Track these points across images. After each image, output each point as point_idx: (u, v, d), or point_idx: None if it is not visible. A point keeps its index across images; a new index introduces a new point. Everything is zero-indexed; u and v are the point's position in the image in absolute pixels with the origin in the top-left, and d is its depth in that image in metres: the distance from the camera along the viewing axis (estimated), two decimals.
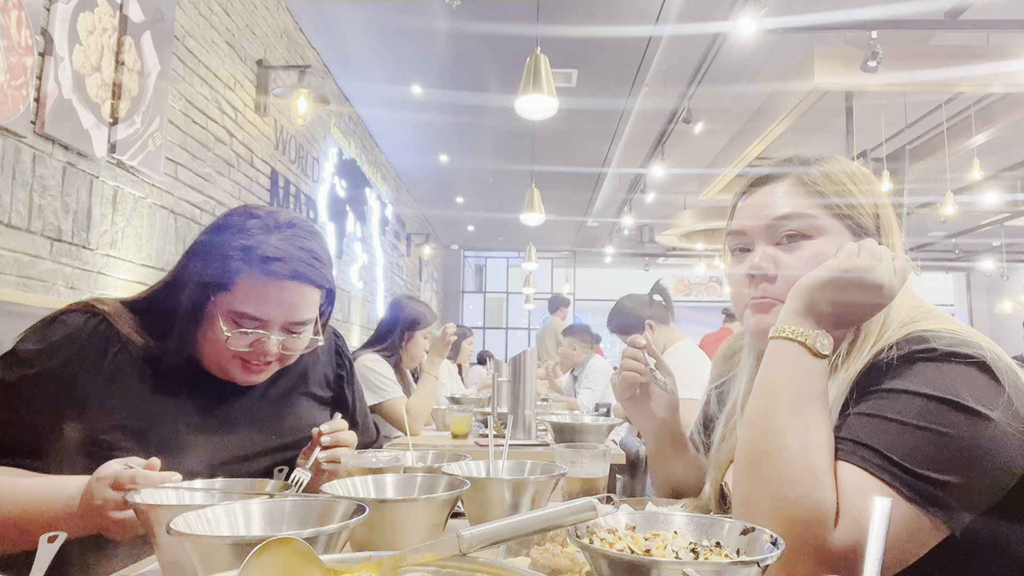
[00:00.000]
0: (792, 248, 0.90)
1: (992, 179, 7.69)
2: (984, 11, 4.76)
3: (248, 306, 1.07)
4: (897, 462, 0.71)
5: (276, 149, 4.67)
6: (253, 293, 1.07)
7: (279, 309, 1.09)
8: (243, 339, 1.08)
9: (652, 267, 14.05)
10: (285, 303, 1.09)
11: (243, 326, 1.07)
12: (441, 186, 9.69)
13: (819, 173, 0.92)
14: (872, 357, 0.79)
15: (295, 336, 1.12)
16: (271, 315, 1.08)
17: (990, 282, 14.06)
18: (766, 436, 0.76)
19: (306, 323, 1.13)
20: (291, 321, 1.11)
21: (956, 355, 0.74)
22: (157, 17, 3.07)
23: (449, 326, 2.82)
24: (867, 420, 0.75)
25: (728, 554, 0.68)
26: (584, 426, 2.17)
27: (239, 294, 1.07)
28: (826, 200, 0.90)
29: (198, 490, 0.85)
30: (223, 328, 1.07)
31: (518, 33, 4.64)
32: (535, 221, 6.04)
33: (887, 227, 0.93)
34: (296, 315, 1.11)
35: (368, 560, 0.55)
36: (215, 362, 1.12)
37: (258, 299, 1.07)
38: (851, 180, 0.92)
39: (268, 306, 1.08)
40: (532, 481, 0.92)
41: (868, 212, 0.91)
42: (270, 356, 1.11)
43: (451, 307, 14.35)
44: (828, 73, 5.14)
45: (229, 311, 1.07)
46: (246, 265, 1.07)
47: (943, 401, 0.72)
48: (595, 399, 4.63)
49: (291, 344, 1.12)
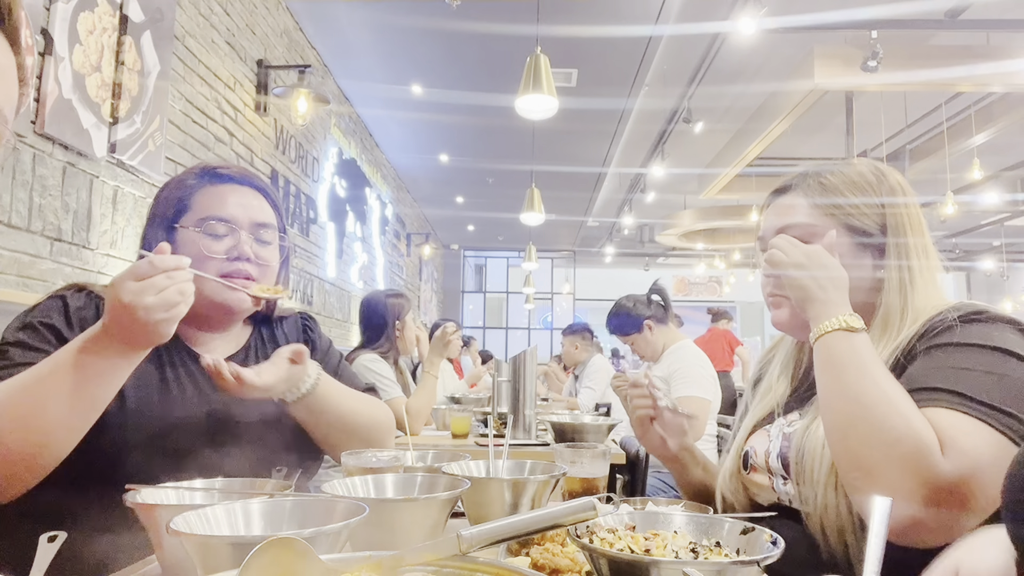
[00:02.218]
0: None
1: (992, 179, 7.69)
2: (984, 11, 4.75)
3: (211, 209, 1.14)
4: (980, 400, 0.81)
5: (276, 149, 4.67)
6: (212, 198, 1.15)
7: (240, 209, 1.16)
8: (216, 243, 1.13)
9: (652, 267, 14.05)
10: (244, 203, 1.16)
11: (212, 231, 1.13)
12: (441, 186, 9.68)
13: (819, 183, 1.04)
14: (921, 327, 0.93)
15: (262, 244, 1.18)
16: (234, 214, 1.15)
17: (990, 282, 14.06)
18: (848, 406, 0.85)
19: (268, 227, 1.19)
20: (254, 221, 1.17)
21: (1005, 319, 0.90)
22: (157, 17, 3.07)
23: (449, 325, 2.83)
24: (939, 371, 0.86)
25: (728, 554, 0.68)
26: (584, 426, 2.17)
27: (200, 207, 1.14)
28: (824, 210, 1.02)
29: (198, 490, 0.85)
30: (199, 241, 1.12)
31: (518, 33, 4.64)
32: (535, 221, 6.04)
33: (898, 227, 1.00)
34: (257, 214, 1.17)
35: (368, 560, 0.55)
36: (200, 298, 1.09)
37: (218, 201, 1.15)
38: (855, 187, 1.02)
39: (228, 205, 1.15)
40: (532, 481, 0.92)
41: (871, 216, 1.00)
42: (247, 263, 1.13)
43: (451, 307, 14.34)
44: (828, 73, 5.13)
45: (199, 222, 1.13)
46: (199, 182, 1.17)
47: (1001, 351, 0.85)
48: (595, 399, 4.63)
49: (261, 252, 1.17)
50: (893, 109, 6.37)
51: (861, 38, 4.81)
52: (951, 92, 5.96)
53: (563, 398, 5.08)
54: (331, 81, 6.08)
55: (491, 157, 8.12)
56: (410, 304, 3.06)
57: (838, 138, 6.62)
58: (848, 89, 5.61)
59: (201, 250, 1.12)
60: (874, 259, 1.00)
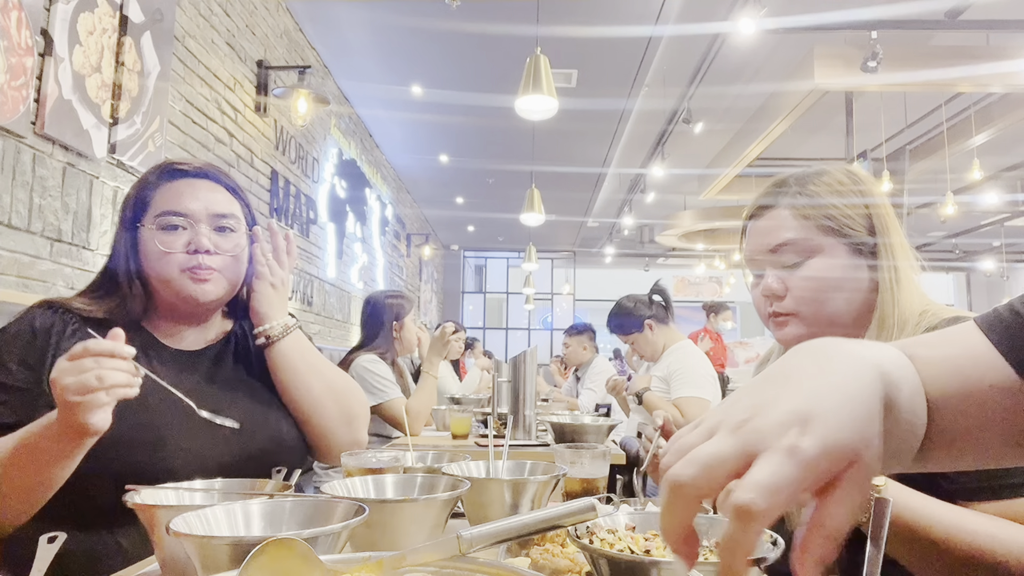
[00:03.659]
0: (795, 268, 1.02)
1: (992, 179, 7.68)
2: (984, 11, 4.75)
3: (167, 204, 1.15)
4: None
5: (276, 149, 4.67)
6: (168, 193, 1.17)
7: (196, 202, 1.16)
8: (174, 237, 1.14)
9: (652, 267, 14.05)
10: (200, 197, 1.17)
11: (170, 224, 1.14)
12: (441, 186, 9.68)
13: (808, 198, 1.03)
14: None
15: (223, 233, 1.18)
16: (190, 207, 1.15)
17: (990, 282, 14.06)
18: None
19: (228, 217, 1.19)
20: (212, 212, 1.17)
21: None
22: (157, 17, 3.07)
23: (448, 325, 2.82)
24: None
25: None
26: (584, 426, 2.17)
27: (157, 204, 1.16)
28: (816, 221, 1.01)
29: (198, 490, 0.85)
30: (155, 238, 1.13)
31: (518, 33, 4.64)
32: (535, 221, 6.04)
33: (882, 227, 1.00)
34: (215, 206, 1.18)
35: (368, 560, 0.55)
36: (168, 294, 1.15)
37: (174, 196, 1.16)
38: (838, 194, 1.02)
39: (184, 199, 1.16)
40: (532, 481, 0.92)
41: (858, 220, 1.01)
42: (207, 256, 1.14)
43: (451, 307, 14.34)
44: (828, 73, 5.13)
45: (155, 219, 1.15)
46: (159, 179, 1.18)
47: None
48: (596, 400, 4.64)
49: (223, 242, 1.17)
50: (893, 109, 6.37)
51: (861, 38, 4.81)
52: (951, 92, 5.96)
53: (564, 397, 5.08)
54: (331, 81, 6.08)
55: (491, 157, 8.12)
56: (411, 304, 3.06)
57: (838, 138, 6.62)
58: (848, 89, 5.61)
59: (159, 246, 1.13)
60: (867, 262, 1.01)
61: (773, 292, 1.03)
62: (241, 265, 1.22)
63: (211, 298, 1.16)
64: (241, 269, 1.22)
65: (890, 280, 0.98)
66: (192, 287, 1.14)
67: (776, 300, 1.03)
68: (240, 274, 1.22)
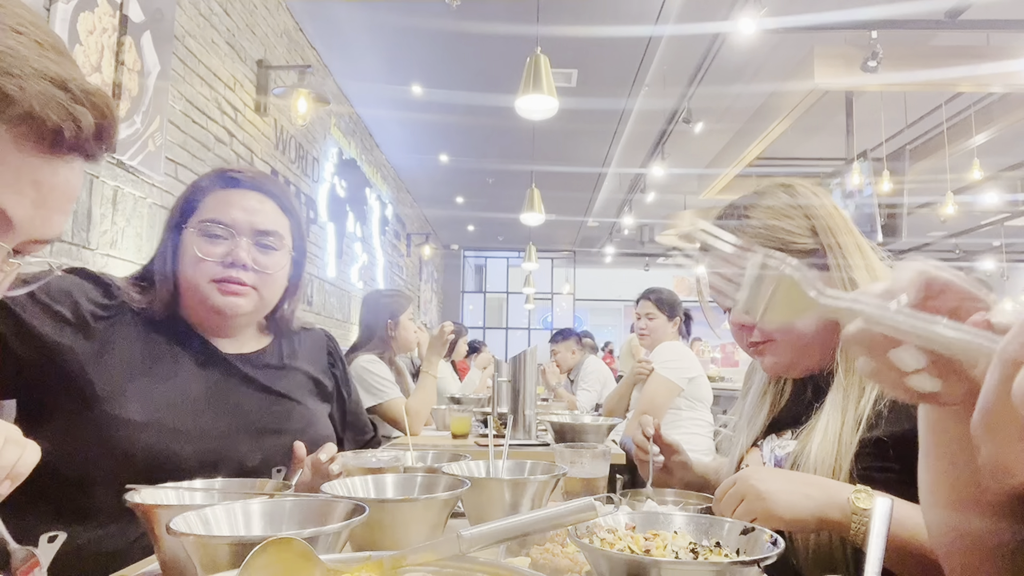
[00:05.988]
0: None
1: (992, 179, 7.68)
2: (984, 11, 4.75)
3: (213, 212, 1.14)
4: None
5: (276, 149, 4.67)
6: (217, 200, 1.15)
7: (242, 213, 1.14)
8: (213, 245, 1.12)
9: (652, 267, 14.04)
10: (248, 207, 1.15)
11: (211, 233, 1.13)
12: (441, 186, 9.68)
13: (747, 226, 1.03)
14: None
15: (265, 250, 1.16)
16: (235, 218, 1.14)
17: (990, 282, 14.06)
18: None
19: (272, 235, 1.17)
20: (256, 228, 1.15)
21: None
22: (157, 17, 3.07)
23: (447, 324, 2.83)
24: None
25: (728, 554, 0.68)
26: (584, 426, 2.17)
27: (205, 209, 1.15)
28: (760, 245, 0.99)
29: (198, 490, 0.85)
30: (195, 243, 1.12)
31: (518, 33, 4.63)
32: (535, 221, 6.04)
33: (823, 229, 1.00)
34: (260, 221, 1.15)
35: (368, 560, 0.55)
36: (197, 301, 1.13)
37: (222, 205, 1.15)
38: (778, 217, 1.02)
39: (231, 209, 1.14)
40: (532, 481, 0.92)
41: (802, 232, 1.00)
42: (242, 270, 1.12)
43: (451, 307, 14.34)
44: (828, 73, 5.13)
45: (199, 224, 1.13)
46: (211, 185, 1.17)
47: None
48: (593, 399, 4.64)
49: (262, 259, 1.15)
50: (893, 109, 6.36)
51: (861, 38, 4.81)
52: (951, 92, 5.96)
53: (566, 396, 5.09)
54: (331, 81, 6.08)
55: (491, 157, 8.12)
56: (408, 302, 3.07)
57: (838, 138, 6.62)
58: (848, 89, 5.61)
59: (196, 252, 1.11)
60: (821, 271, 1.00)
61: (740, 324, 1.04)
62: (278, 283, 1.20)
63: (240, 312, 1.14)
64: (277, 287, 1.20)
65: (841, 280, 0.97)
66: (220, 299, 1.12)
67: (747, 332, 1.04)
68: (276, 292, 1.20)
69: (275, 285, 1.19)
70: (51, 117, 0.59)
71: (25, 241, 0.66)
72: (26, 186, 0.61)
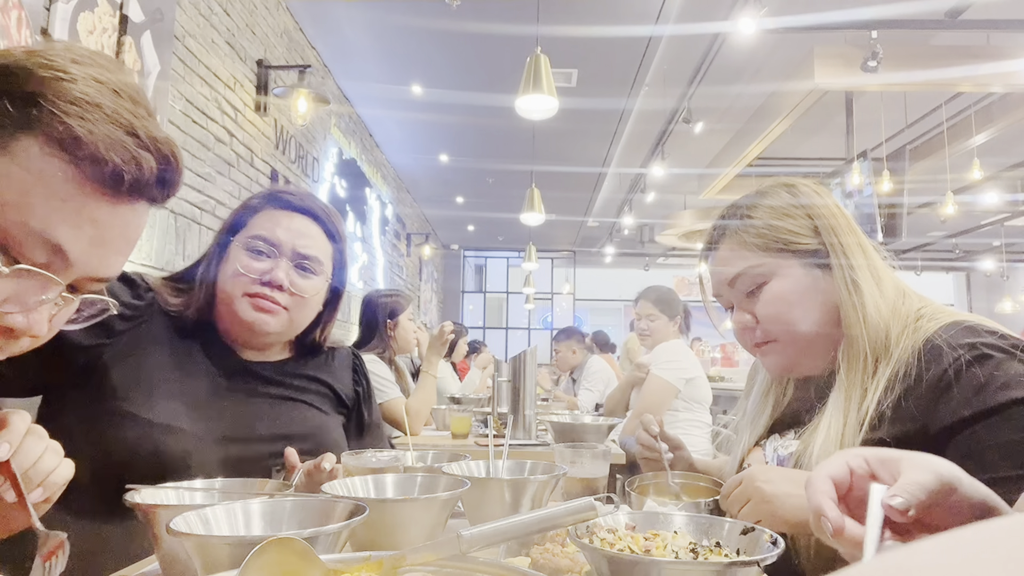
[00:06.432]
0: (756, 295, 1.02)
1: (992, 179, 7.68)
2: (984, 11, 4.75)
3: (260, 230, 1.17)
4: None
5: (276, 149, 4.67)
6: (265, 220, 1.19)
7: (288, 234, 1.17)
8: (255, 262, 1.14)
9: (652, 267, 14.04)
10: (293, 229, 1.18)
11: (255, 249, 1.15)
12: (441, 186, 9.68)
13: (749, 226, 1.03)
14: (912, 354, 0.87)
15: (304, 274, 1.18)
16: (280, 238, 1.16)
17: (990, 282, 14.05)
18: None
19: (313, 260, 1.19)
20: (299, 252, 1.17)
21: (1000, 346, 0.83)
22: (157, 17, 3.07)
23: (447, 324, 2.83)
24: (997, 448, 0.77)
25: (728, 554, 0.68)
26: (584, 426, 2.17)
27: (254, 226, 1.18)
28: (763, 246, 1.02)
29: (198, 490, 0.85)
30: (238, 257, 1.14)
31: (518, 33, 4.63)
32: (535, 221, 6.04)
33: (826, 229, 1.00)
34: (304, 245, 1.18)
35: (368, 560, 0.55)
36: (229, 312, 1.16)
37: (269, 224, 1.18)
38: (780, 217, 1.02)
39: (278, 229, 1.17)
40: (532, 481, 0.92)
41: (804, 232, 1.01)
42: (278, 291, 1.14)
43: (451, 307, 14.34)
44: (828, 73, 5.13)
45: (244, 240, 1.17)
46: (262, 203, 1.21)
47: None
48: (594, 399, 4.64)
49: (299, 282, 1.17)
50: (893, 109, 6.36)
51: (861, 38, 4.81)
52: (951, 92, 5.95)
53: (565, 397, 5.09)
54: (331, 81, 6.08)
55: (491, 157, 8.12)
56: (408, 302, 3.07)
57: (838, 138, 6.62)
58: (848, 89, 5.60)
59: (237, 266, 1.14)
60: (823, 271, 1.00)
61: (743, 324, 1.04)
62: (311, 307, 1.22)
63: (269, 330, 1.17)
64: (310, 311, 1.22)
65: (844, 280, 0.97)
66: (251, 314, 1.14)
67: (750, 332, 1.04)
68: (308, 316, 1.22)
69: (307, 309, 1.21)
70: (115, 159, 0.62)
71: (82, 278, 0.68)
72: (85, 224, 0.63)
